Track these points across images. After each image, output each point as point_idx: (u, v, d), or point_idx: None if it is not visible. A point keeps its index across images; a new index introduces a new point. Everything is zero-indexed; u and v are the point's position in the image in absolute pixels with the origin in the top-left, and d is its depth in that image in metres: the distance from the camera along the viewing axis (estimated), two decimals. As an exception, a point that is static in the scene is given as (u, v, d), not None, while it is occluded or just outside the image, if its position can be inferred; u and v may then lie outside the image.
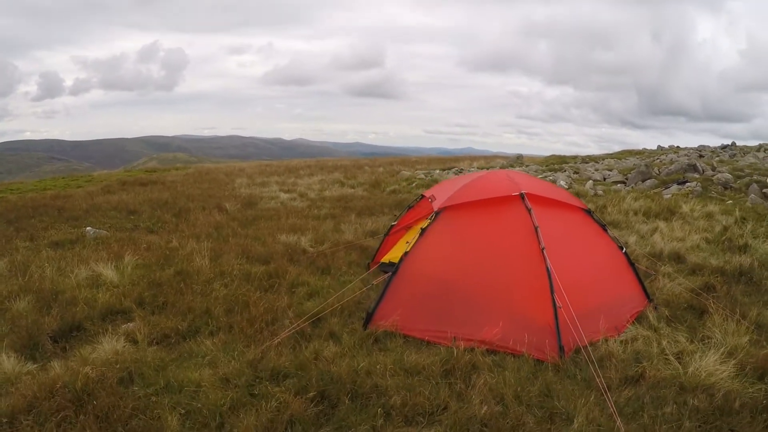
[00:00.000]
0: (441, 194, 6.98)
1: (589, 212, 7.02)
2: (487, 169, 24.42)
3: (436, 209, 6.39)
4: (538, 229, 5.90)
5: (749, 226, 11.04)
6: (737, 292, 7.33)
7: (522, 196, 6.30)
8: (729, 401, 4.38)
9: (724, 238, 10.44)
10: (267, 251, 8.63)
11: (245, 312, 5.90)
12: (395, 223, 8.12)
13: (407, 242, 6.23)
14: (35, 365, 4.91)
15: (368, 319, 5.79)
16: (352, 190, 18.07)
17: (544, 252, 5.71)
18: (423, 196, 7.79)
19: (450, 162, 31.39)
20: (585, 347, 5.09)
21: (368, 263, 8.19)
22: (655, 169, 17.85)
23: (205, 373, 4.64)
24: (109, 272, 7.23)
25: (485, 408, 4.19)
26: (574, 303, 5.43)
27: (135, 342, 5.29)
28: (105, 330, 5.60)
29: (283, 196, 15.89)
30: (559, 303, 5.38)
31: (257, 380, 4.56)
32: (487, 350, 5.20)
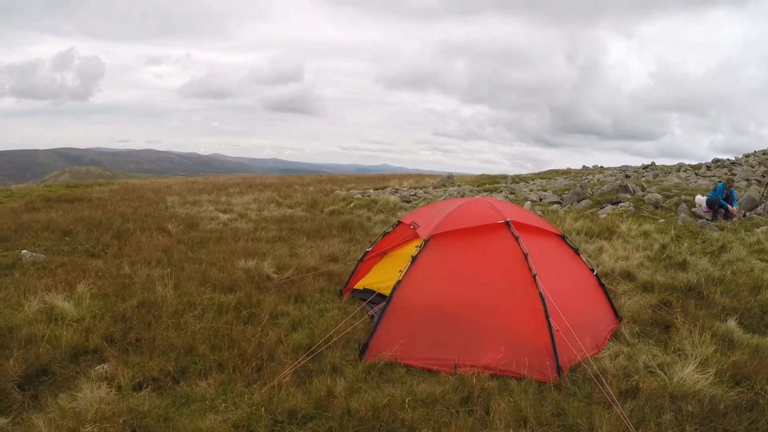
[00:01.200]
0: (424, 221, 6.97)
1: (563, 237, 7.32)
2: (419, 189, 24.74)
3: (425, 237, 6.35)
4: (528, 256, 6.06)
5: (685, 244, 11.81)
6: (691, 306, 7.87)
7: (507, 224, 6.44)
8: (715, 405, 4.83)
9: (664, 255, 11.14)
10: (228, 278, 8.24)
11: (234, 348, 5.57)
12: (370, 249, 7.94)
13: (399, 270, 6.08)
14: (6, 420, 4.40)
15: (363, 349, 5.68)
16: (291, 210, 17.72)
17: (537, 278, 5.88)
18: (400, 222, 7.71)
19: (379, 181, 31.57)
20: (578, 365, 5.48)
21: (341, 290, 8.00)
22: (588, 189, 18.56)
23: (215, 420, 4.32)
24: (64, 304, 6.57)
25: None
26: (563, 324, 5.68)
27: (118, 387, 4.83)
28: (76, 373, 5.13)
29: (223, 216, 15.29)
30: (556, 326, 5.57)
31: (278, 424, 4.32)
32: (491, 375, 5.26)
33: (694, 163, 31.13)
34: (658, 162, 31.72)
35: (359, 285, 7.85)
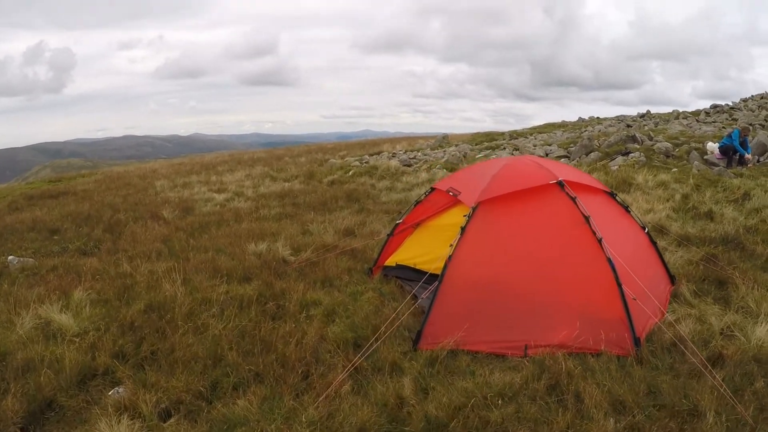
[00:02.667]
0: (465, 186, 6.27)
1: (612, 194, 6.70)
2: (416, 151, 23.87)
3: (471, 204, 5.63)
4: (590, 218, 5.41)
5: (708, 193, 11.37)
6: (736, 259, 7.44)
7: (561, 184, 5.76)
8: None
9: (689, 206, 10.76)
10: (241, 266, 7.42)
11: (270, 352, 4.81)
12: (400, 220, 7.15)
13: (450, 245, 5.38)
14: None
15: (417, 337, 5.05)
16: (288, 184, 16.79)
17: (603, 243, 5.25)
18: (434, 189, 6.92)
19: (371, 147, 30.52)
20: (652, 333, 5.14)
21: (370, 268, 7.28)
22: (595, 141, 17.90)
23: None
24: (61, 317, 5.65)
25: (612, 421, 3.83)
26: (635, 291, 5.16)
27: (141, 417, 4.03)
28: (87, 403, 4.31)
29: (218, 197, 14.37)
30: (631, 294, 5.04)
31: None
32: (565, 354, 4.70)
33: (671, 110, 30.69)
34: (641, 110, 31.18)
35: (391, 261, 7.10)
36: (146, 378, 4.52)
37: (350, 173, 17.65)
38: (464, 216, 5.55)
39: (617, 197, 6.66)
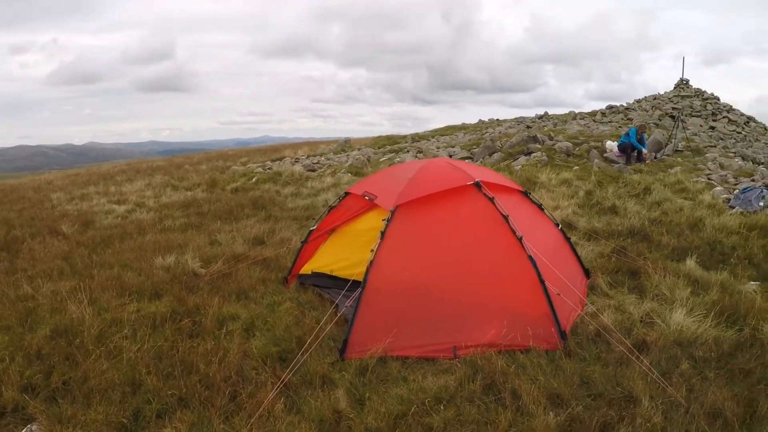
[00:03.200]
0: (380, 189, 6.17)
1: (526, 193, 6.89)
2: (319, 156, 23.66)
3: (390, 208, 5.54)
4: (509, 218, 5.50)
5: (610, 189, 11.95)
6: (645, 250, 7.94)
7: (478, 185, 5.80)
8: (720, 346, 4.84)
9: (593, 201, 11.28)
10: (149, 281, 6.92)
11: (192, 373, 4.47)
12: (314, 227, 6.96)
13: (371, 250, 5.26)
14: None
15: (344, 346, 4.90)
16: (191, 192, 16.05)
17: (523, 241, 5.35)
18: (348, 194, 6.78)
19: (272, 153, 29.89)
20: (575, 326, 5.31)
21: (284, 277, 7.01)
22: (498, 142, 18.43)
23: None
24: None
25: (552, 415, 3.90)
26: (557, 286, 5.29)
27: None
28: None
29: (119, 208, 13.47)
30: (555, 290, 5.17)
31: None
32: (495, 352, 4.75)
33: (566, 111, 32.40)
34: (536, 112, 32.65)
35: (306, 269, 6.91)
36: (61, 412, 4.05)
37: (254, 180, 17.21)
38: (383, 220, 5.46)
39: (531, 196, 6.85)
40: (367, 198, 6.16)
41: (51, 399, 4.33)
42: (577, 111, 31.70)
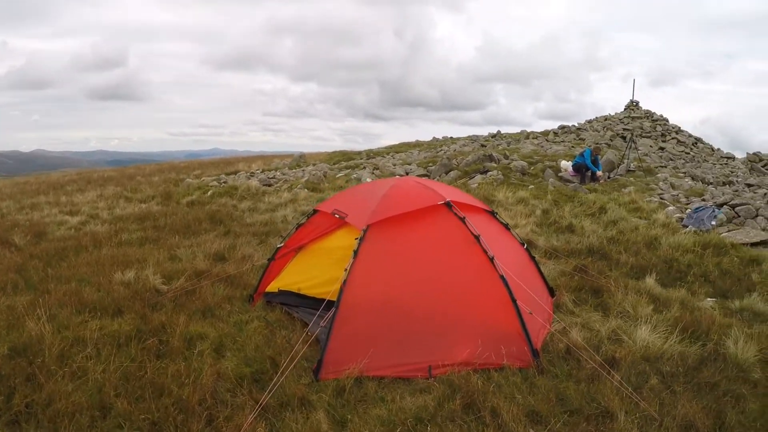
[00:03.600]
0: (351, 208, 6.17)
1: (493, 213, 7.00)
2: (274, 170, 23.48)
3: (362, 227, 5.55)
4: (480, 237, 5.59)
5: (566, 208, 12.21)
6: (605, 268, 8.21)
7: (449, 205, 5.88)
8: (686, 361, 5.04)
9: (550, 220, 11.51)
10: (109, 297, 6.68)
11: (164, 396, 4.31)
12: (281, 244, 6.88)
13: (345, 269, 5.24)
14: None
15: (318, 367, 4.85)
16: (145, 205, 15.66)
17: (494, 261, 5.45)
18: (316, 211, 6.74)
19: (225, 166, 29.49)
20: (545, 344, 5.40)
21: (251, 295, 6.88)
22: (454, 160, 18.66)
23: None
24: None
25: None
26: (528, 305, 5.39)
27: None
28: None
29: (72, 219, 12.99)
30: (527, 308, 5.27)
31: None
32: (470, 371, 4.81)
33: (516, 129, 33.19)
34: (487, 130, 33.53)
35: (272, 287, 6.77)
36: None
37: (209, 193, 16.92)
38: (355, 239, 5.46)
39: (497, 216, 6.96)
40: (337, 216, 6.14)
41: (14, 423, 4.13)
42: (528, 130, 32.49)
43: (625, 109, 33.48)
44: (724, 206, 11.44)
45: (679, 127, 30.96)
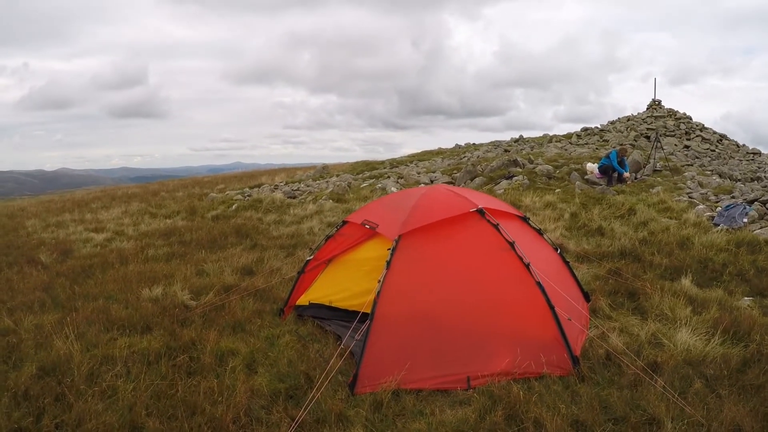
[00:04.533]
0: (382, 218, 6.07)
1: (525, 219, 6.87)
2: (298, 182, 23.49)
3: (394, 237, 5.43)
4: (515, 244, 5.46)
5: (595, 210, 11.96)
6: (639, 271, 7.99)
7: (481, 212, 5.78)
8: (729, 364, 4.85)
9: (579, 223, 11.27)
10: (137, 314, 6.65)
11: (197, 414, 4.23)
12: (311, 257, 6.78)
13: (378, 280, 5.12)
14: None
15: (354, 380, 4.73)
16: (170, 220, 15.73)
17: (530, 267, 5.31)
18: (346, 222, 6.64)
19: (248, 179, 29.65)
20: (585, 351, 5.21)
21: (281, 309, 6.78)
22: (479, 167, 18.49)
23: None
24: None
25: None
26: (567, 311, 5.27)
27: None
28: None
29: (97, 237, 13.07)
30: (566, 315, 5.14)
31: None
32: (509, 381, 4.68)
33: (537, 134, 32.85)
34: (507, 135, 33.37)
35: (303, 300, 6.68)
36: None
37: (234, 207, 16.92)
38: (387, 249, 5.36)
39: (530, 221, 6.81)
40: (367, 226, 6.05)
41: (42, 448, 4.05)
42: (550, 134, 32.12)
43: (647, 109, 32.97)
44: (755, 203, 11.13)
45: (703, 125, 30.38)
